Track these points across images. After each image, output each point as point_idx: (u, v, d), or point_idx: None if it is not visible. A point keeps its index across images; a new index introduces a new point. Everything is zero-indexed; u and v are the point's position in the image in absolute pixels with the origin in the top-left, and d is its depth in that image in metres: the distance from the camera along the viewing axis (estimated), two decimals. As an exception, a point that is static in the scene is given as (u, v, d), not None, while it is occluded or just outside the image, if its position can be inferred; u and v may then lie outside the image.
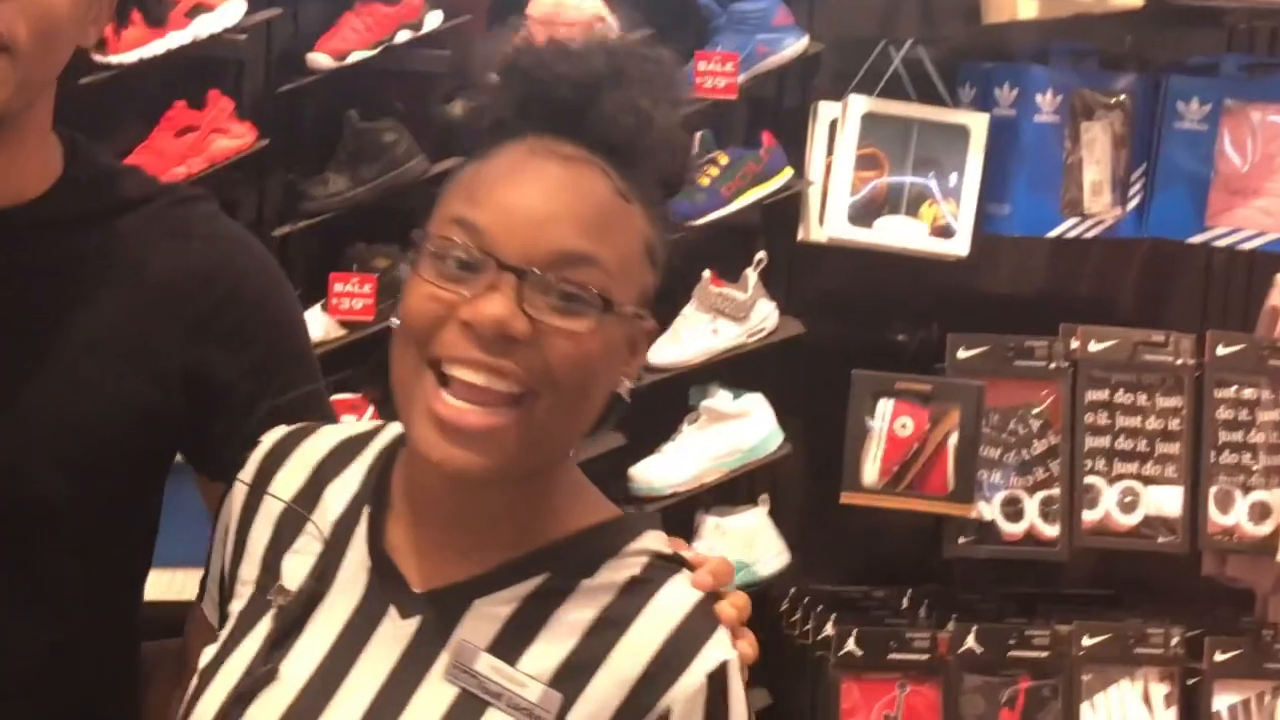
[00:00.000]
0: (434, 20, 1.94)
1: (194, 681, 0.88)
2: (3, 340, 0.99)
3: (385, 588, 0.89)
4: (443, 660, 0.85)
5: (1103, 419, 2.05)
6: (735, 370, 2.08)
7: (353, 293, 1.92)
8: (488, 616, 0.86)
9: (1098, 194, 2.05)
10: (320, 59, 1.91)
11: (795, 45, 2.02)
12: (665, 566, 0.87)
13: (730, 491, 2.08)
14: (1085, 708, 2.05)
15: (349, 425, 0.99)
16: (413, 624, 0.87)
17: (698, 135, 2.07)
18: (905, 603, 2.13)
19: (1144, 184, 2.08)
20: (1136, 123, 2.08)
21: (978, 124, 2.01)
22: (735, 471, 2.07)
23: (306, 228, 1.94)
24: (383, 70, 1.96)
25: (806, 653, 2.07)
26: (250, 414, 1.00)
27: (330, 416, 1.06)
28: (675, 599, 0.86)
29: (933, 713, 2.04)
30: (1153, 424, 2.06)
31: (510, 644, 0.85)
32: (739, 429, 2.05)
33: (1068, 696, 2.05)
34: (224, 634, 0.89)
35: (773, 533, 2.07)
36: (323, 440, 0.94)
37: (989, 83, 2.04)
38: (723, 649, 0.85)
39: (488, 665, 0.85)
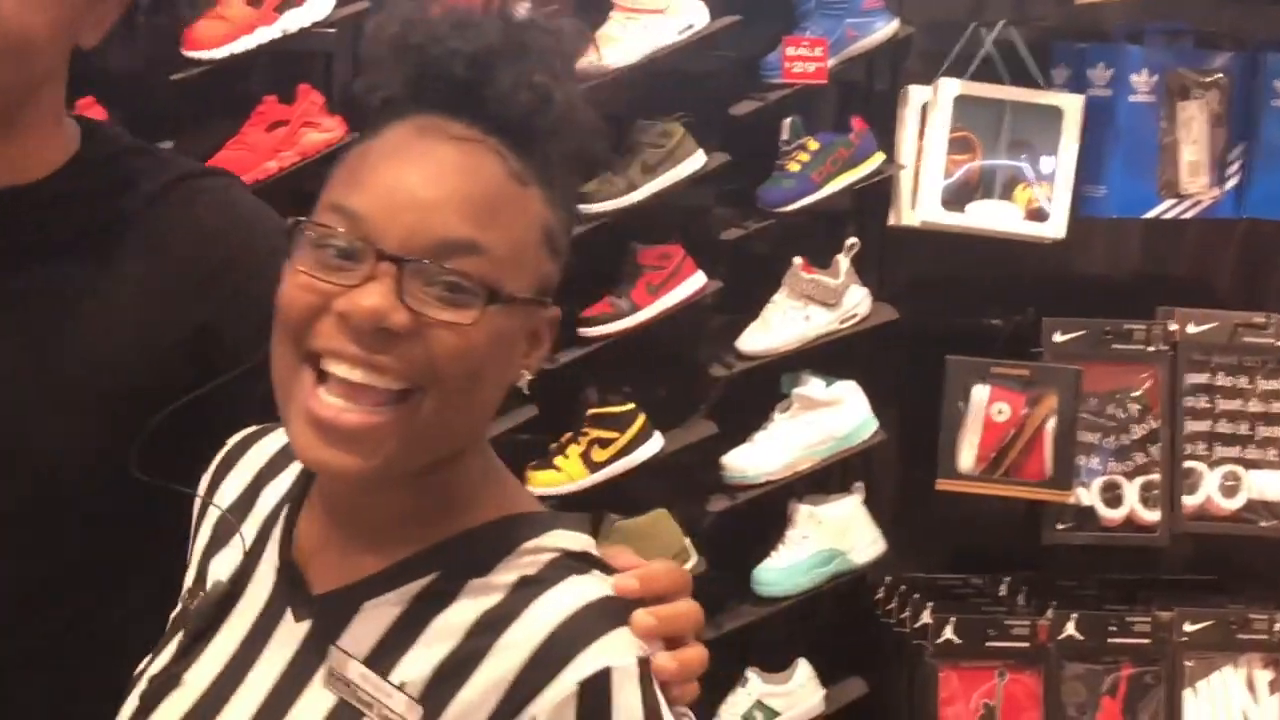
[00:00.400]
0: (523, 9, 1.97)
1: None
2: (20, 310, 1.03)
3: (287, 590, 0.86)
4: (325, 667, 0.83)
5: (1203, 402, 2.06)
6: (827, 357, 2.10)
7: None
8: (374, 619, 0.83)
9: (1195, 174, 2.05)
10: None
11: (885, 29, 2.04)
12: (567, 565, 0.81)
13: (824, 479, 2.10)
14: (1188, 694, 2.06)
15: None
16: (304, 627, 0.84)
17: (787, 121, 2.10)
18: (1003, 590, 2.15)
19: (1242, 164, 2.10)
20: (1234, 102, 2.09)
21: (1072, 105, 2.01)
22: (829, 459, 2.09)
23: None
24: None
25: (903, 641, 2.09)
26: (261, 380, 0.98)
27: None
28: (563, 599, 0.79)
29: (1033, 701, 2.05)
30: (1254, 407, 2.08)
31: (391, 648, 0.82)
32: (832, 416, 2.07)
33: (1170, 683, 2.06)
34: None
35: (867, 520, 2.09)
36: (273, 441, 0.92)
37: (1083, 63, 2.05)
38: (610, 655, 0.77)
39: (358, 673, 0.82)
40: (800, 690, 2.12)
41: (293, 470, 0.90)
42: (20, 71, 0.99)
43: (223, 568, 0.90)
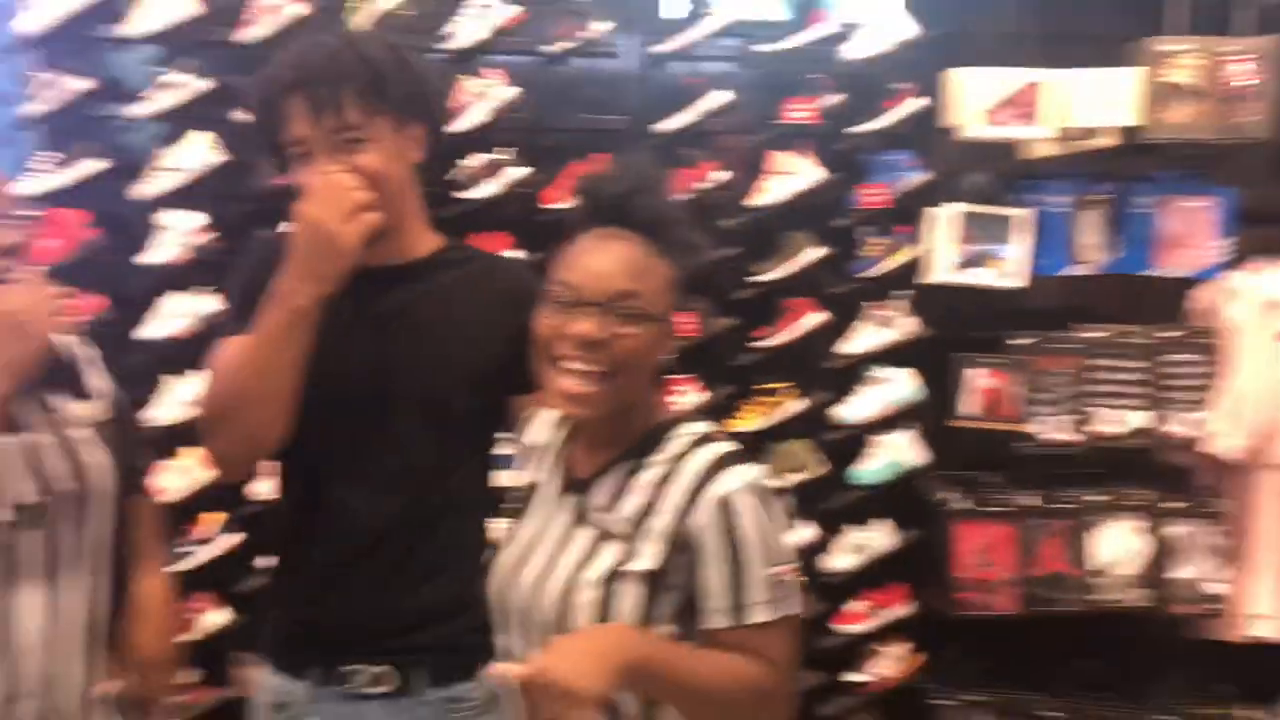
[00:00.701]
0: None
1: None
2: (416, 326, 1.57)
3: (561, 479, 1.41)
4: (586, 516, 1.36)
5: (1100, 375, 3.48)
6: (890, 356, 3.43)
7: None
8: (606, 486, 1.35)
9: (1092, 250, 3.49)
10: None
11: (919, 178, 3.35)
12: (702, 439, 1.34)
13: (892, 421, 3.46)
14: (1095, 536, 3.45)
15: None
16: (570, 498, 1.38)
17: (863, 229, 3.49)
18: (990, 479, 3.56)
19: (1117, 242, 3.47)
20: (1113, 210, 3.48)
21: (1023, 214, 3.47)
22: (893, 410, 3.35)
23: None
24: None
25: (936, 508, 3.37)
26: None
27: None
28: (704, 455, 1.31)
29: (1010, 543, 3.34)
30: (1127, 376, 3.42)
31: (616, 499, 1.33)
32: (895, 387, 3.43)
33: (1086, 530, 3.46)
34: None
35: (915, 443, 3.48)
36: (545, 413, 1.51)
37: (1033, 190, 3.49)
38: (734, 482, 1.29)
39: (599, 515, 1.34)
40: (879, 535, 3.42)
41: (551, 420, 1.48)
42: (392, 195, 1.53)
43: (533, 473, 1.48)
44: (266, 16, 3.10)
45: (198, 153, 3.14)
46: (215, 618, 3.17)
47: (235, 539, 3.16)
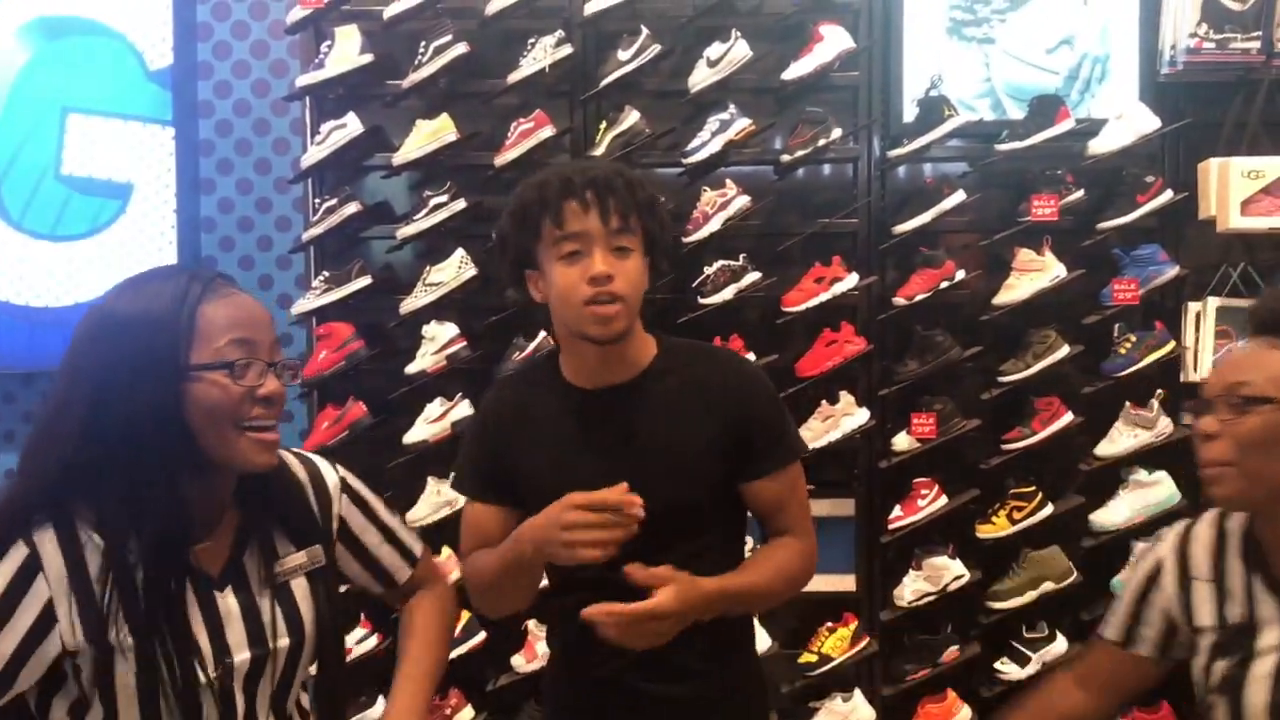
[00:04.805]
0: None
1: None
2: (630, 436, 1.70)
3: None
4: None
5: None
6: (1148, 458, 3.25)
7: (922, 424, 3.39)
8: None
9: None
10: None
11: (1171, 272, 3.25)
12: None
13: (1152, 527, 3.20)
14: None
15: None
16: None
17: (1116, 325, 3.30)
18: None
19: None
20: None
21: None
22: (1153, 516, 3.19)
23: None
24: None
25: None
26: (760, 445, 1.73)
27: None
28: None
29: None
30: None
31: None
32: (1153, 491, 3.25)
33: None
34: None
35: None
36: None
37: None
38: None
39: None
40: None
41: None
42: (633, 315, 1.68)
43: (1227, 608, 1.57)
44: (522, 141, 3.29)
45: (455, 269, 3.33)
46: (464, 716, 3.25)
47: (481, 636, 3.25)
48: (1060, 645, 3.29)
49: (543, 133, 3.31)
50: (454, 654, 3.20)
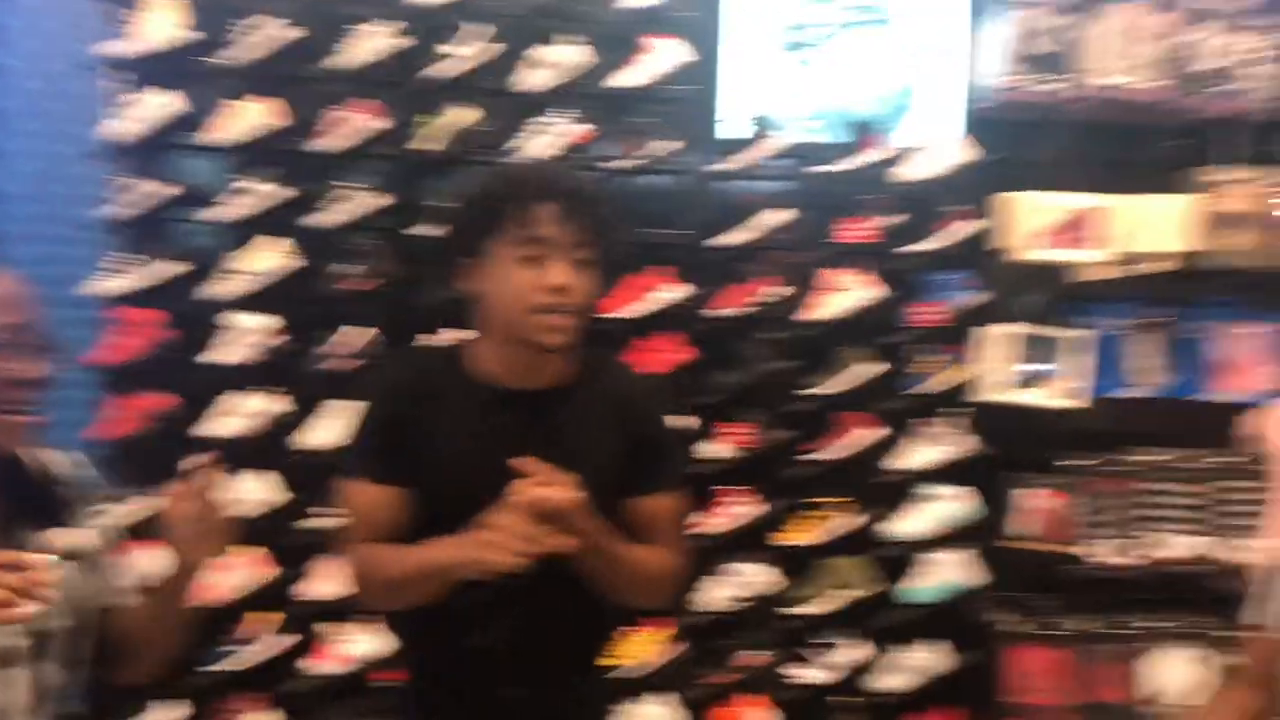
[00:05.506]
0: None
1: None
2: (550, 443, 1.65)
3: None
4: None
5: (1154, 498, 3.45)
6: (944, 473, 3.40)
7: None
8: None
9: (1147, 373, 3.51)
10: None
11: (975, 297, 3.42)
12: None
13: (944, 539, 3.43)
14: (1151, 664, 3.32)
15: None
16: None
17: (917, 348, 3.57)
18: (1044, 601, 3.53)
19: (1171, 366, 3.50)
20: (1167, 333, 3.52)
21: (1081, 335, 3.51)
22: (946, 528, 3.37)
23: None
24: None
25: (989, 630, 3.34)
26: (653, 465, 1.75)
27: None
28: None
29: (1064, 668, 3.32)
30: (1183, 501, 3.40)
31: None
32: (946, 505, 3.43)
33: (1142, 657, 3.37)
34: None
35: (967, 562, 3.51)
36: None
37: (1086, 313, 3.53)
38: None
39: None
40: (930, 655, 3.39)
41: None
42: (581, 328, 1.66)
43: None
44: (346, 131, 3.21)
45: (270, 257, 3.22)
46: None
47: (288, 640, 3.16)
48: (854, 651, 3.42)
49: (368, 123, 3.24)
50: (250, 659, 3.12)
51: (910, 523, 3.44)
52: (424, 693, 1.80)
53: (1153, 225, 3.36)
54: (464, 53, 3.27)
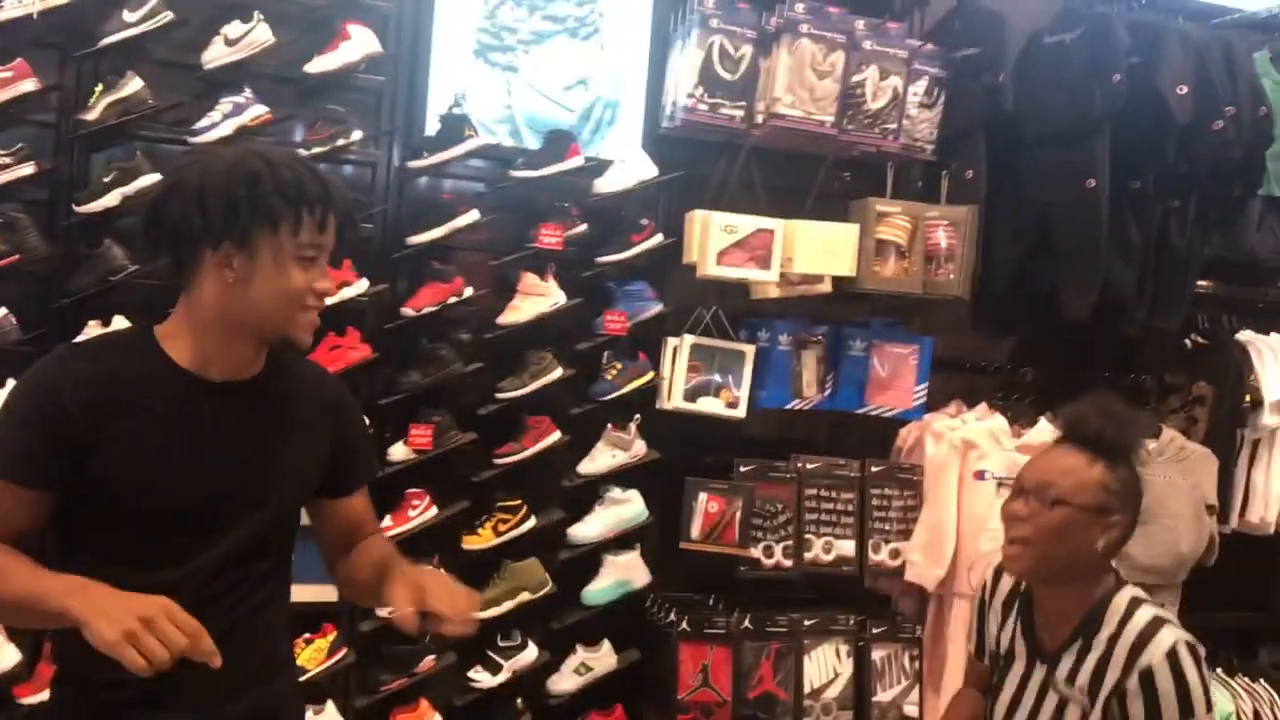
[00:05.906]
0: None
1: None
2: (257, 437, 1.67)
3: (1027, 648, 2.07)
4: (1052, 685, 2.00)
5: (814, 504, 3.70)
6: (624, 477, 3.52)
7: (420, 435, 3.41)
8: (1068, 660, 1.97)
9: (809, 386, 3.76)
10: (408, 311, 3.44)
11: (656, 308, 3.55)
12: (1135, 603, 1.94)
13: (621, 542, 3.54)
14: (806, 659, 3.61)
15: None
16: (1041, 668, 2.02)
17: (606, 353, 3.53)
18: (712, 602, 3.66)
19: (832, 380, 3.78)
20: (829, 351, 3.74)
21: (749, 350, 3.69)
22: (624, 531, 3.49)
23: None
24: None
25: (660, 629, 3.51)
26: (357, 462, 1.86)
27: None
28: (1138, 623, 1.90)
29: (727, 664, 3.50)
30: (839, 506, 3.70)
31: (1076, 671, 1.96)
32: (625, 508, 3.52)
33: (797, 653, 3.60)
34: None
35: (642, 564, 3.59)
36: None
37: (754, 329, 3.67)
38: (1154, 655, 1.84)
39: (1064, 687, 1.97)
40: (604, 655, 3.49)
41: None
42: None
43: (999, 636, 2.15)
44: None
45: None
46: None
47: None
48: (531, 653, 3.43)
49: (23, 85, 2.95)
50: None
51: (591, 525, 3.49)
52: (79, 715, 1.66)
53: (822, 250, 3.59)
54: (134, 18, 3.03)
